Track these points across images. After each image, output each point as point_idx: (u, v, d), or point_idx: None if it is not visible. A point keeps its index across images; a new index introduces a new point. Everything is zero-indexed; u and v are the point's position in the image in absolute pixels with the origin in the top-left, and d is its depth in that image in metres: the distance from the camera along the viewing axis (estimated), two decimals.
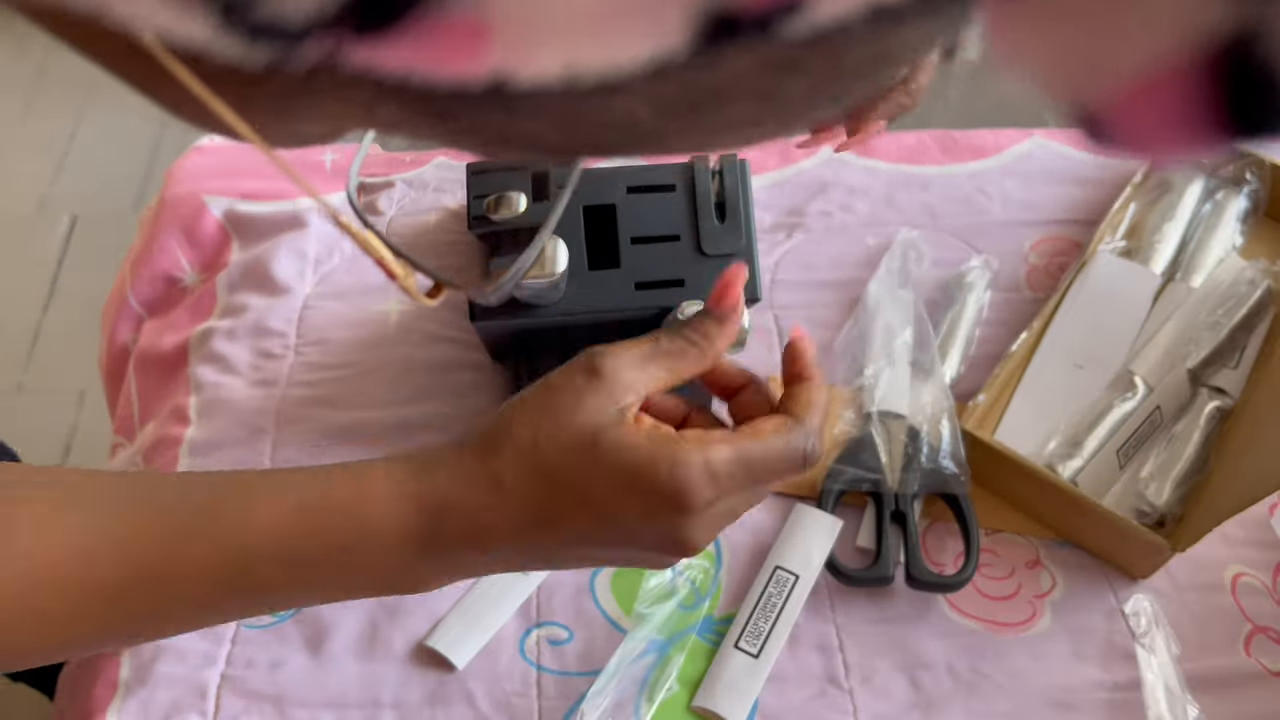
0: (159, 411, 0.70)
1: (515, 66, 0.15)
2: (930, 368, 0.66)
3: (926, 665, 0.57)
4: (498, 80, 0.16)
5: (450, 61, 0.15)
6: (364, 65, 0.16)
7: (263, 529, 0.37)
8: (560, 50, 0.15)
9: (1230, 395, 0.66)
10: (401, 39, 0.15)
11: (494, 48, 0.15)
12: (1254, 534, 0.63)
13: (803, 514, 0.61)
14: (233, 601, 0.39)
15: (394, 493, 0.38)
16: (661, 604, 0.58)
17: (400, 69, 0.16)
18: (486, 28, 0.14)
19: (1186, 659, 0.58)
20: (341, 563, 0.38)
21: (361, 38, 0.15)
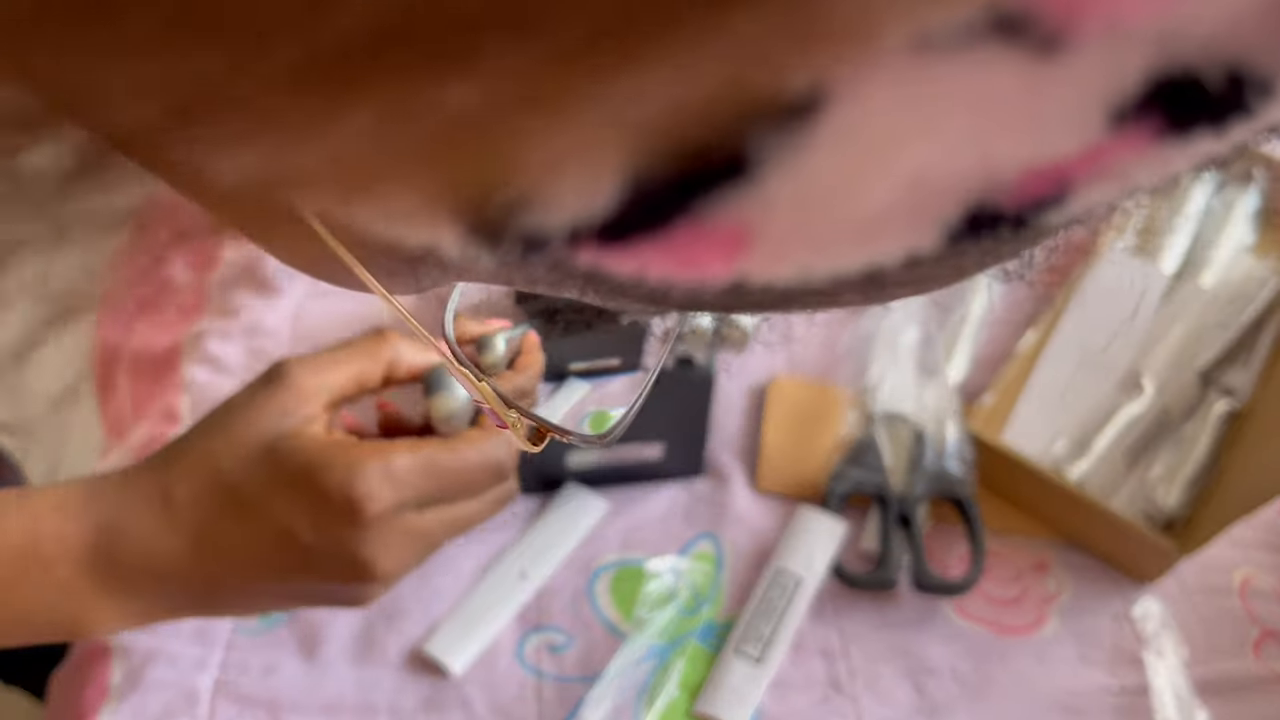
0: (151, 411, 0.69)
1: (761, 271, 0.14)
2: (935, 368, 0.65)
3: (931, 670, 0.56)
4: (737, 283, 0.14)
5: (695, 268, 0.14)
6: (592, 266, 0.14)
7: None
8: (814, 256, 0.14)
9: (1240, 396, 0.66)
10: (650, 245, 0.13)
11: (749, 256, 0.14)
12: (1264, 536, 0.62)
13: (806, 516, 0.60)
14: None
15: (64, 518, 0.35)
16: (661, 609, 0.57)
17: (634, 272, 0.14)
18: (747, 236, 0.13)
19: (1195, 663, 0.57)
20: (8, 601, 0.34)
21: (607, 244, 0.13)
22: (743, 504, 0.63)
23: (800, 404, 0.67)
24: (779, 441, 0.65)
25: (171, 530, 0.35)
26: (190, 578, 0.35)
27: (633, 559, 0.60)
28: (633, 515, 0.62)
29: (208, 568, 0.35)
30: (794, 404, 0.67)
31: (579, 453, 0.60)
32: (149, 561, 0.35)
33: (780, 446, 0.65)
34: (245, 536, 0.34)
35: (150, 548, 0.35)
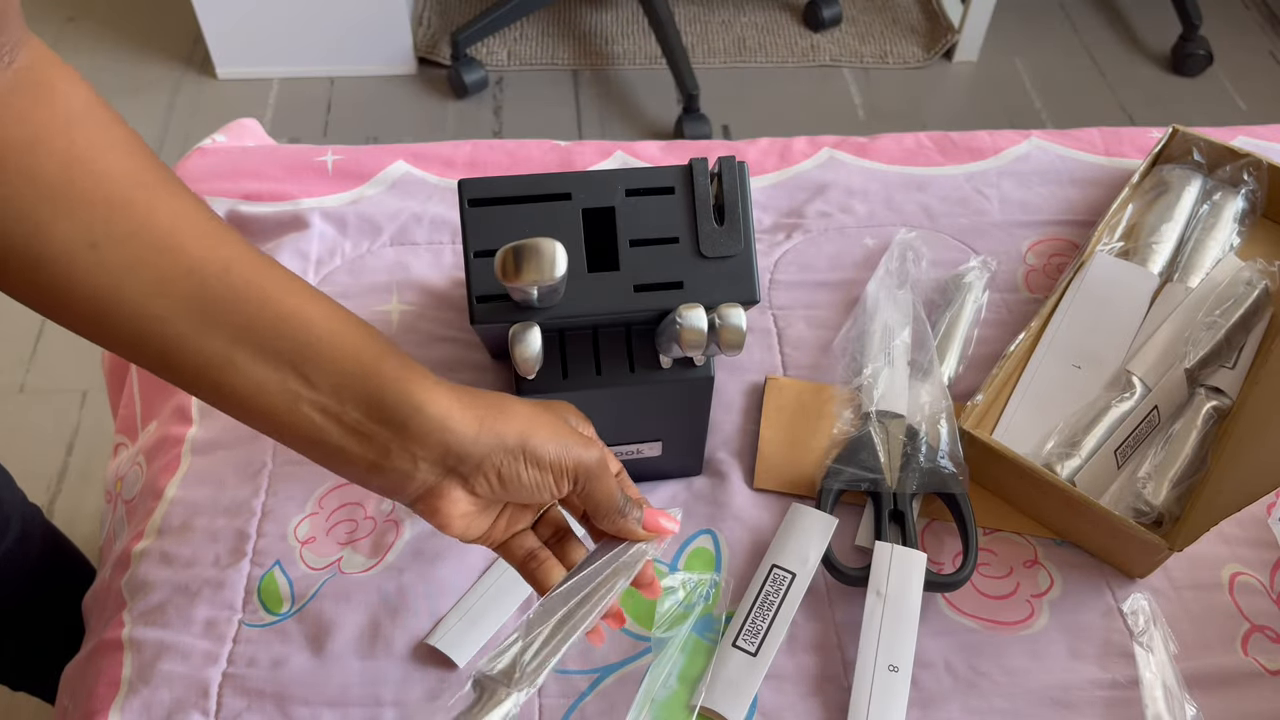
0: (161, 411, 0.70)
1: None
2: (929, 368, 0.66)
3: (925, 664, 0.57)
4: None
5: None
6: None
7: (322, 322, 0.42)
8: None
9: (1228, 395, 0.67)
10: None
11: None
12: (1252, 533, 0.63)
13: (799, 513, 0.61)
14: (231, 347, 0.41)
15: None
16: (678, 626, 0.58)
17: None
18: None
19: (1184, 658, 0.58)
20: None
21: None
22: (740, 501, 0.64)
23: (796, 403, 0.68)
24: (775, 440, 0.66)
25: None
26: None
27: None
28: None
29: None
30: (790, 403, 0.68)
31: None
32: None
33: (776, 445, 0.66)
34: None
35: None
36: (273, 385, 0.41)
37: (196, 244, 0.40)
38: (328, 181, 0.81)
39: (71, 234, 0.38)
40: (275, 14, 1.77)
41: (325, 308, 0.42)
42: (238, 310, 0.40)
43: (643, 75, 1.92)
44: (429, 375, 0.43)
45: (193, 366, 0.41)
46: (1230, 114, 1.89)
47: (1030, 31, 2.04)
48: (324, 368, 0.41)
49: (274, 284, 0.41)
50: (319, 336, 0.41)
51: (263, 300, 0.41)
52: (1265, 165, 0.77)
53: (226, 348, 0.40)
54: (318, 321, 0.41)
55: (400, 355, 0.43)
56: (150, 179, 0.40)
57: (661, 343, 0.54)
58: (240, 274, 0.41)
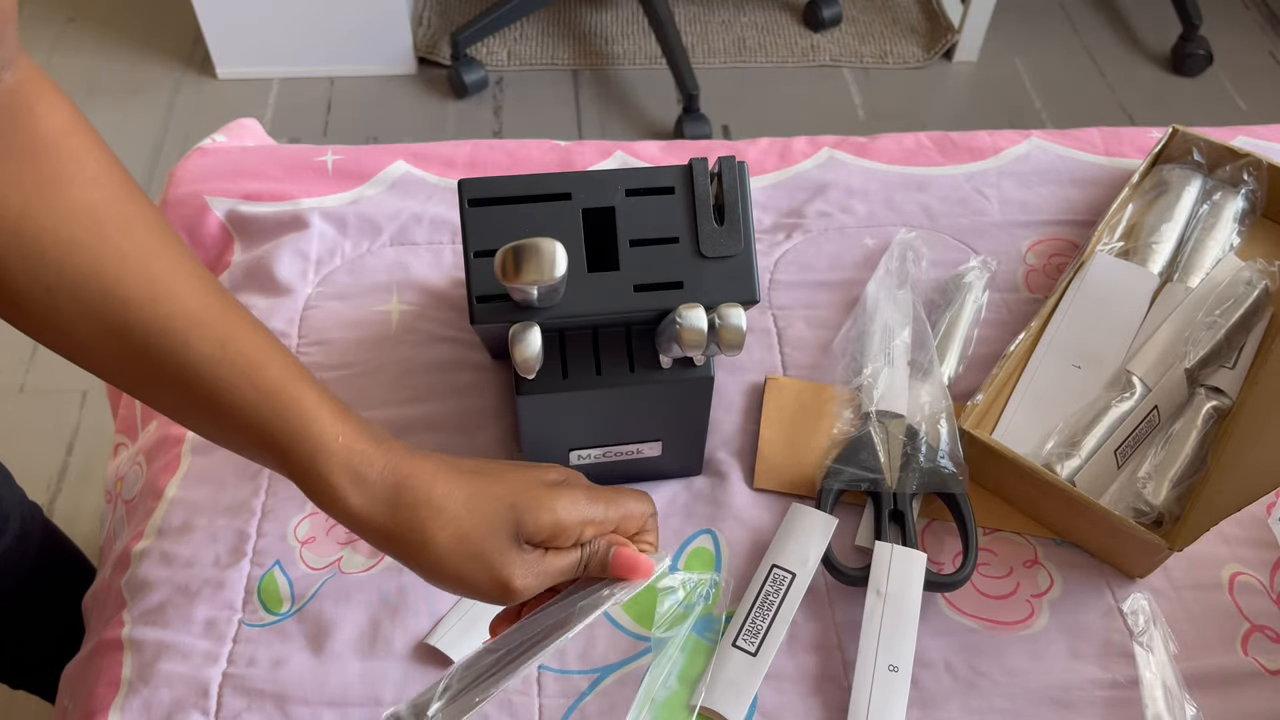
0: None
1: None
2: (929, 368, 0.66)
3: (925, 663, 0.57)
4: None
5: None
6: None
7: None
8: None
9: (1227, 395, 0.67)
10: None
11: None
12: (1251, 533, 0.63)
13: (799, 513, 0.61)
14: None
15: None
16: (678, 626, 0.58)
17: None
18: None
19: (1184, 657, 0.58)
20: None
21: None
22: (740, 501, 0.64)
23: (796, 403, 0.68)
24: (775, 440, 0.66)
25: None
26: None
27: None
28: None
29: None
30: (790, 403, 0.68)
31: (580, 451, 0.61)
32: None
33: (776, 445, 0.66)
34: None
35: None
36: (248, 455, 0.45)
37: (139, 298, 0.41)
38: (328, 181, 0.81)
39: (27, 273, 0.39)
40: (275, 14, 1.77)
41: (258, 373, 0.43)
42: (179, 373, 0.42)
43: (643, 75, 1.92)
44: (353, 430, 0.44)
45: (145, 400, 0.44)
46: (1230, 114, 1.89)
47: (1030, 31, 2.03)
48: (250, 428, 0.43)
49: (208, 351, 0.42)
50: (245, 404, 0.43)
51: (193, 365, 0.42)
52: (1265, 165, 0.77)
53: (171, 400, 0.43)
54: (247, 393, 0.43)
55: (327, 406, 0.44)
56: (109, 216, 0.41)
57: (661, 343, 0.54)
58: (176, 336, 0.41)
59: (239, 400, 0.42)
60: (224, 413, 0.42)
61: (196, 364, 0.42)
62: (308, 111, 1.82)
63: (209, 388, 0.42)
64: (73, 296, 0.40)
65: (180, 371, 0.42)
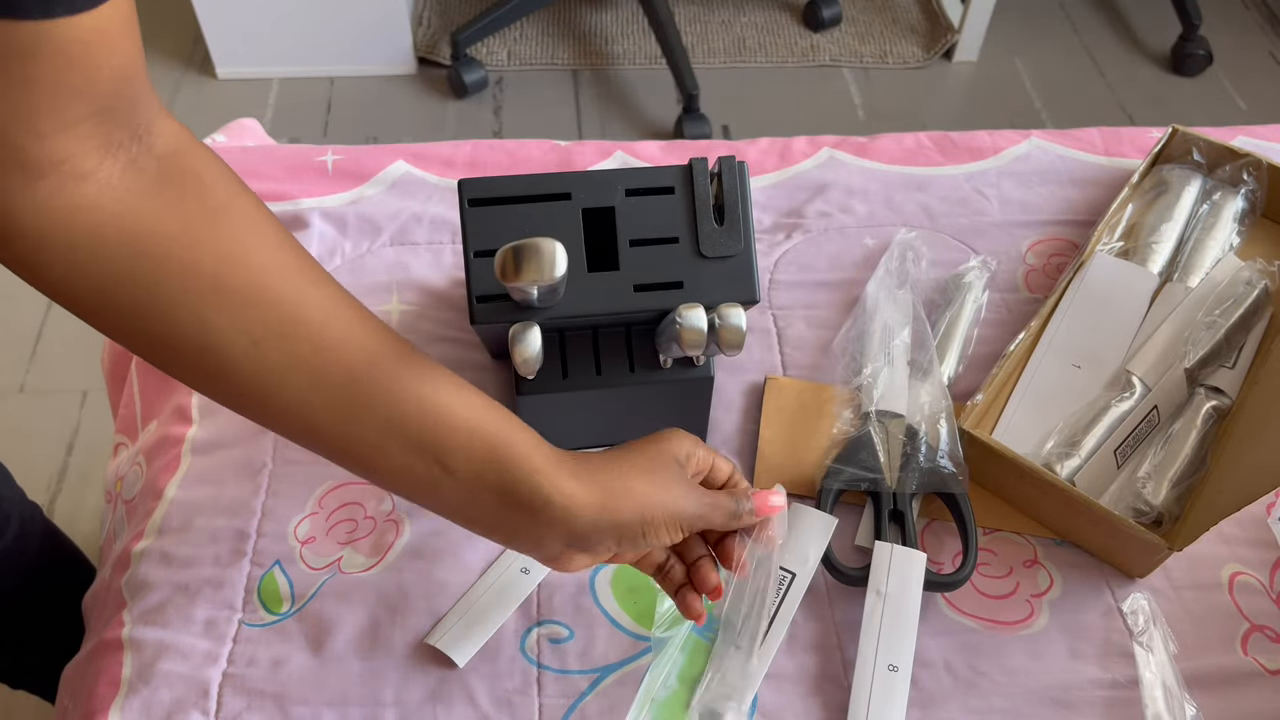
0: (161, 411, 0.70)
1: None
2: (928, 367, 0.66)
3: (925, 663, 0.57)
4: None
5: None
6: None
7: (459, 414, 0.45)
8: None
9: (1227, 395, 0.67)
10: None
11: None
12: (1251, 533, 0.63)
13: (799, 513, 0.61)
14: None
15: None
16: (678, 627, 0.58)
17: None
18: None
19: (1184, 657, 0.58)
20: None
21: None
22: None
23: (796, 403, 0.68)
24: (775, 440, 0.66)
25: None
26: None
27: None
28: None
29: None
30: (790, 402, 0.68)
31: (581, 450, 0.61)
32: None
33: (776, 445, 0.66)
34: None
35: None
36: (417, 470, 0.45)
37: (345, 340, 0.43)
38: (328, 181, 0.81)
39: (233, 328, 0.40)
40: (275, 14, 1.77)
41: (464, 397, 0.46)
42: (385, 405, 0.43)
43: (643, 75, 1.92)
44: (555, 457, 0.47)
45: (343, 447, 0.44)
46: (1230, 114, 1.89)
47: (1030, 31, 2.04)
48: (462, 458, 0.44)
49: (415, 376, 0.44)
50: (457, 428, 0.44)
51: (406, 394, 0.44)
52: (1265, 165, 0.77)
53: (376, 437, 0.44)
54: (458, 412, 0.45)
55: (529, 439, 0.46)
56: (297, 273, 0.43)
57: (661, 343, 0.54)
58: (386, 369, 0.44)
59: (459, 414, 0.45)
60: (439, 434, 0.45)
61: (416, 387, 0.44)
62: (308, 111, 1.82)
63: (426, 407, 0.44)
64: (280, 347, 0.41)
65: (395, 400, 0.44)
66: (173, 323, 0.40)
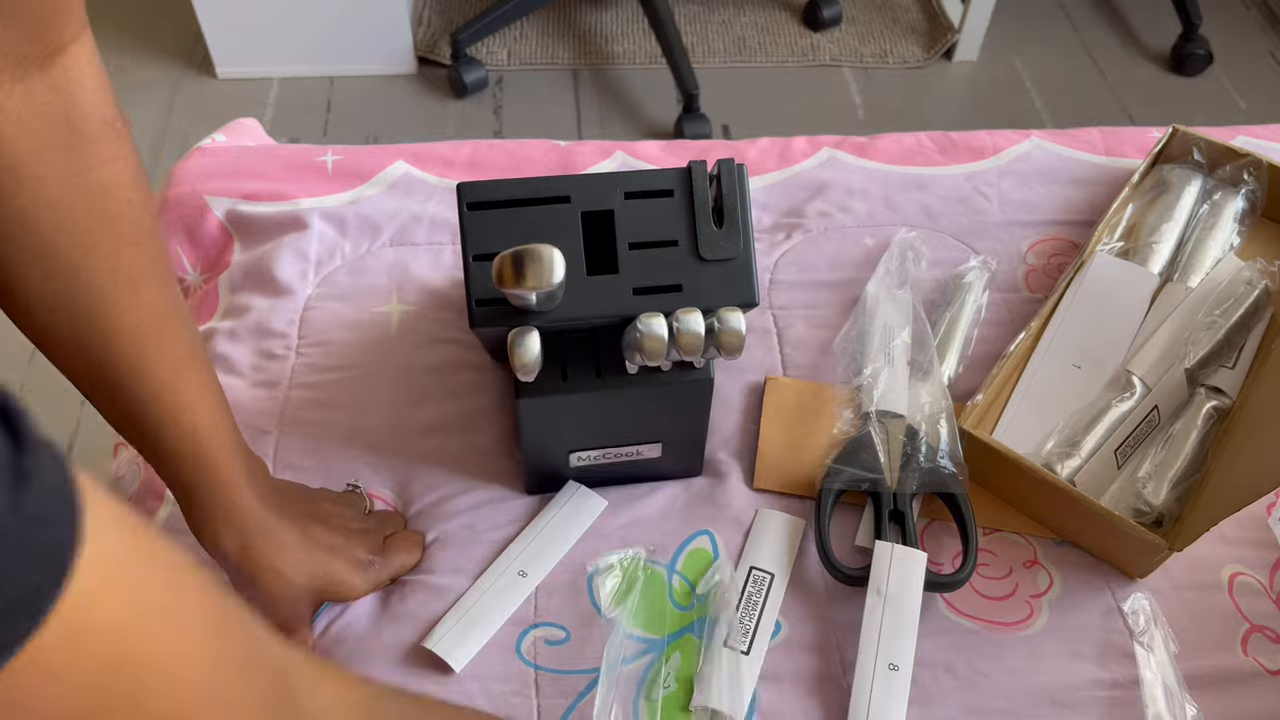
0: None
1: None
2: (929, 367, 0.66)
3: (925, 663, 0.57)
4: None
5: None
6: None
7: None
8: None
9: (1228, 395, 0.67)
10: None
11: None
12: (1251, 533, 0.63)
13: (765, 517, 0.63)
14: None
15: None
16: (621, 603, 0.59)
17: None
18: None
19: (1184, 658, 0.58)
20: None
21: None
22: (740, 502, 0.64)
23: (796, 403, 0.68)
24: (775, 440, 0.66)
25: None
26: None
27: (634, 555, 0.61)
28: (632, 513, 0.63)
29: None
30: (790, 403, 0.68)
31: (580, 452, 0.61)
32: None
33: (776, 445, 0.66)
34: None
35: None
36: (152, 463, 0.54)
37: (127, 352, 0.48)
38: (327, 181, 0.81)
39: (39, 284, 0.44)
40: (275, 14, 1.77)
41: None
42: (132, 412, 0.51)
43: (643, 75, 1.91)
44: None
45: (93, 402, 0.52)
46: (1230, 114, 1.89)
47: (1030, 31, 2.03)
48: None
49: (180, 420, 0.51)
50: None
51: (162, 426, 0.51)
52: (1265, 165, 0.77)
53: (120, 423, 0.52)
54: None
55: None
56: (130, 264, 0.46)
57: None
58: (147, 388, 0.50)
59: (171, 449, 0.51)
60: (153, 449, 0.51)
61: (155, 418, 0.50)
62: (308, 111, 1.82)
63: (153, 433, 0.50)
64: (71, 322, 0.45)
65: (133, 411, 0.49)
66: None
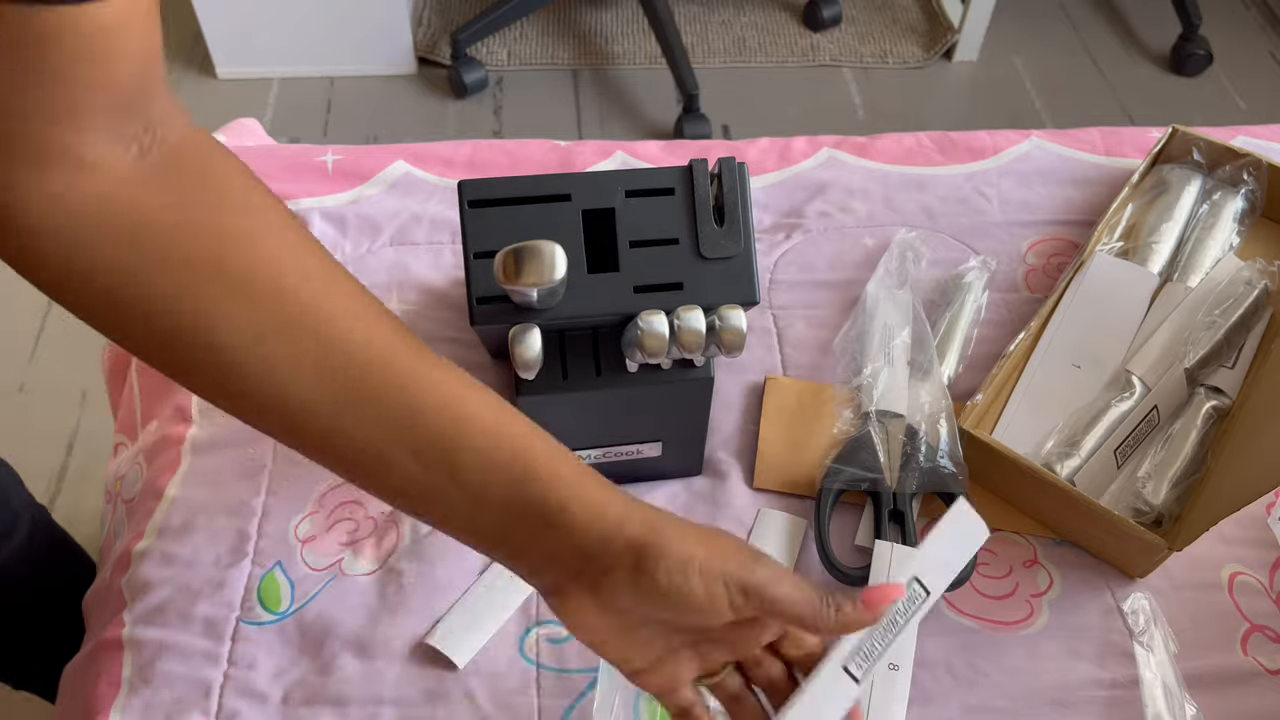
0: (161, 411, 0.70)
1: None
2: (928, 367, 0.66)
3: (925, 663, 0.57)
4: None
5: None
6: None
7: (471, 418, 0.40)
8: None
9: (1227, 395, 0.67)
10: None
11: None
12: (1251, 533, 0.63)
13: (766, 517, 0.62)
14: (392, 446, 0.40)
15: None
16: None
17: None
18: None
19: (1184, 657, 0.58)
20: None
21: None
22: (740, 501, 0.64)
23: (796, 402, 0.68)
24: (775, 440, 0.66)
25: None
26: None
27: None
28: None
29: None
30: (790, 402, 0.68)
31: (581, 451, 0.61)
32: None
33: (776, 444, 0.66)
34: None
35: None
36: (422, 479, 0.40)
37: (358, 338, 0.40)
38: (327, 181, 0.81)
39: (236, 322, 0.38)
40: (275, 14, 1.77)
41: (481, 399, 0.42)
42: (398, 408, 0.40)
43: (643, 75, 1.92)
44: (580, 468, 0.41)
45: (350, 456, 0.41)
46: (1230, 114, 1.89)
47: (1030, 31, 2.03)
48: (474, 468, 0.40)
49: (433, 376, 0.41)
50: (475, 436, 0.40)
51: (423, 396, 0.40)
52: (1265, 165, 0.77)
53: (384, 444, 0.40)
54: (477, 419, 0.41)
55: (551, 444, 0.41)
56: (311, 268, 0.40)
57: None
58: (401, 369, 0.40)
59: (475, 419, 0.41)
60: (451, 439, 0.40)
61: (431, 389, 0.41)
62: (308, 111, 1.82)
63: (438, 406, 0.41)
64: (286, 342, 0.38)
65: (408, 400, 0.40)
66: (173, 316, 0.37)
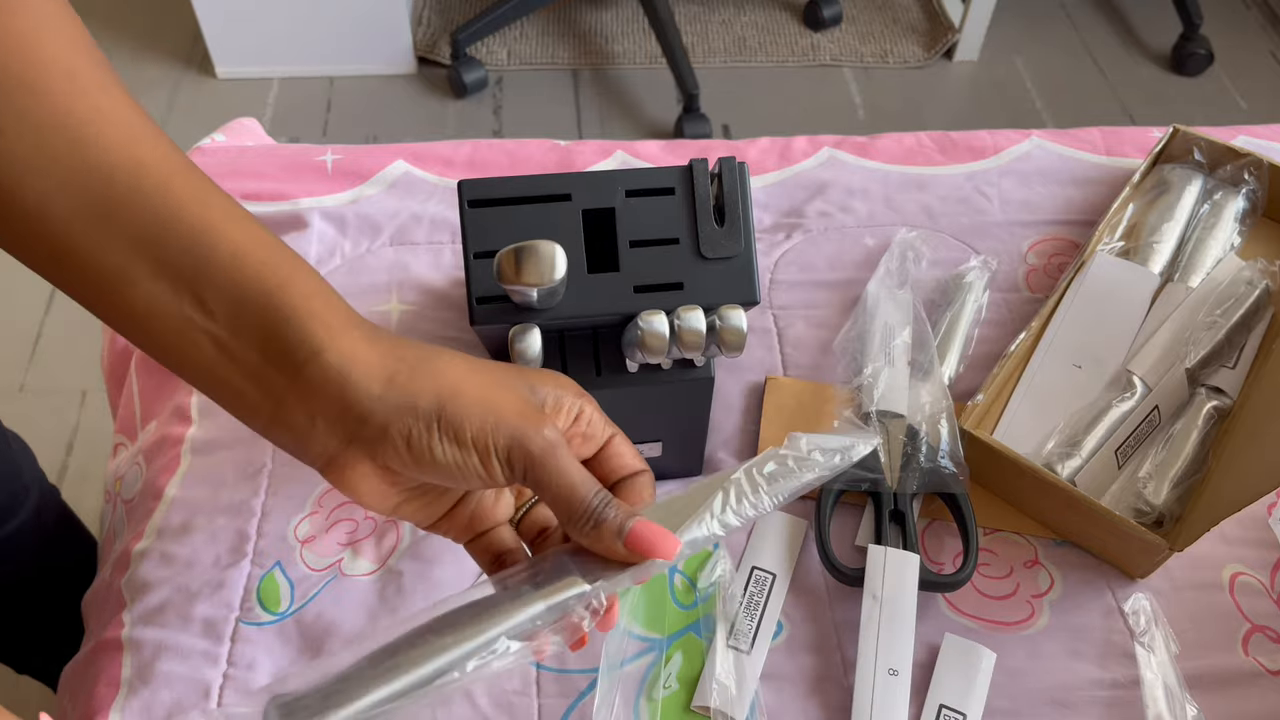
0: (161, 411, 0.70)
1: None
2: (929, 367, 0.66)
3: (925, 664, 0.57)
4: None
5: None
6: None
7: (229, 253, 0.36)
8: None
9: (1228, 395, 0.67)
10: None
11: None
12: (1252, 533, 0.63)
13: (767, 517, 0.62)
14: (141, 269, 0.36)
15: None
16: (680, 628, 0.58)
17: None
18: None
19: (1185, 658, 0.58)
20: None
21: None
22: None
23: (796, 402, 0.68)
24: (775, 440, 0.66)
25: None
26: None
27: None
28: None
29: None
30: (790, 402, 0.68)
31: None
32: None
33: (776, 444, 0.66)
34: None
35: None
36: (168, 308, 0.36)
37: (113, 140, 0.36)
38: (327, 181, 0.81)
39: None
40: (275, 14, 1.77)
41: (242, 227, 0.37)
42: (143, 216, 0.36)
43: (643, 75, 1.92)
44: (345, 312, 0.37)
45: (92, 279, 0.36)
46: (1231, 113, 1.89)
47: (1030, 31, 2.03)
48: (222, 291, 0.36)
49: (192, 193, 0.37)
50: (224, 254, 0.36)
51: (173, 207, 0.36)
52: (1266, 165, 0.77)
53: (125, 259, 0.36)
54: (228, 238, 0.36)
55: (315, 284, 0.37)
56: (81, 70, 0.36)
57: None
58: (155, 177, 0.36)
59: (230, 241, 0.36)
60: (199, 258, 0.36)
61: (188, 203, 0.36)
62: (307, 111, 1.82)
63: (194, 226, 0.36)
64: (29, 138, 0.35)
65: (156, 212, 0.36)
66: None
